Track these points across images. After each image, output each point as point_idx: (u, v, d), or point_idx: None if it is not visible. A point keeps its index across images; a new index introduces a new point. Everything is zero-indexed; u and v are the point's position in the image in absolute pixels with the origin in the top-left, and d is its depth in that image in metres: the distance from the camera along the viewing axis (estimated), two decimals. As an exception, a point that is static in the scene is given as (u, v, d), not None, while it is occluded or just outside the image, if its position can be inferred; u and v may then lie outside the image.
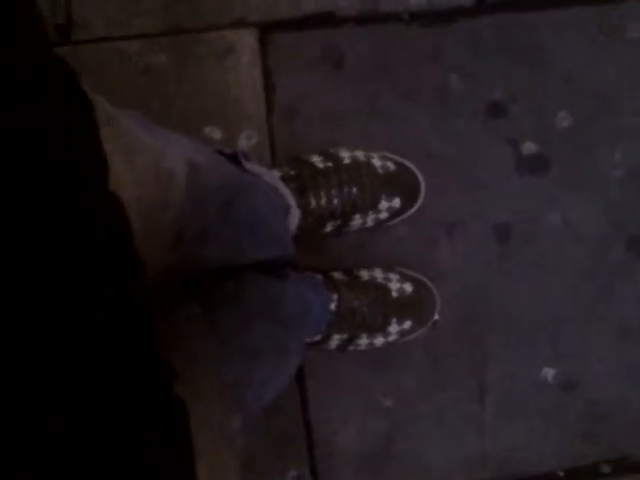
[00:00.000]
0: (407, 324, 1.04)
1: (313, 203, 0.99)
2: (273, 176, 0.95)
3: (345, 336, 1.01)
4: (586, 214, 1.13)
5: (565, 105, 1.13)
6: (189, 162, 0.61)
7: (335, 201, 1.00)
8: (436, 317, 1.07)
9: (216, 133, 1.09)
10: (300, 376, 1.07)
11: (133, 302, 0.43)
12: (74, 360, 0.36)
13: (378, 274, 1.05)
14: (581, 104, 1.13)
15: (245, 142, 1.09)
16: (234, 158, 0.82)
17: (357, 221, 1.04)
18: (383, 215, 1.05)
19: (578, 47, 1.14)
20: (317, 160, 1.02)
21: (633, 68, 1.15)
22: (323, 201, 0.99)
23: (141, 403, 0.40)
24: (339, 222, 1.03)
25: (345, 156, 1.03)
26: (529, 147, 1.13)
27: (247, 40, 1.10)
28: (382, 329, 1.03)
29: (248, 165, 0.84)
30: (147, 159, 0.53)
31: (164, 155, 0.57)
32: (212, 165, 0.69)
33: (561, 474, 1.10)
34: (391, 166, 1.05)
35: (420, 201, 1.07)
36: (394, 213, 1.05)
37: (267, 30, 1.11)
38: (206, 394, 0.60)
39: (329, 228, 1.03)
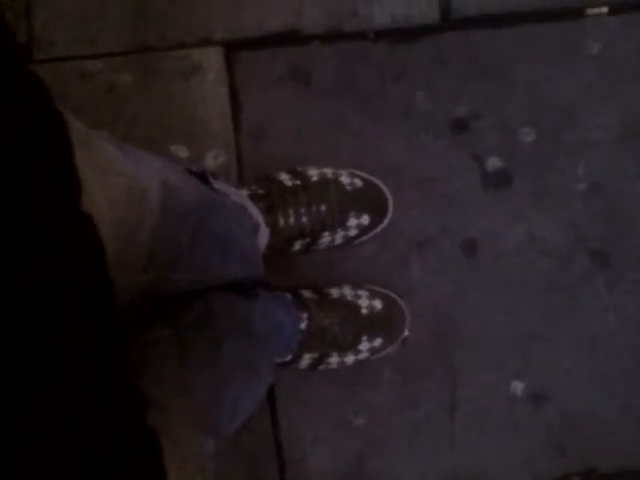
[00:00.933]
0: (377, 341, 1.04)
1: (282, 222, 0.98)
2: (241, 195, 0.95)
3: (316, 355, 1.01)
4: (550, 228, 1.14)
5: (529, 120, 1.15)
6: (162, 183, 0.60)
7: (304, 219, 1.00)
8: (406, 333, 1.07)
9: (183, 152, 1.08)
10: (270, 396, 1.06)
11: (107, 329, 0.42)
12: (45, 393, 0.35)
13: (347, 291, 1.05)
14: (544, 119, 1.15)
15: (212, 161, 1.08)
16: (202, 177, 0.81)
17: (326, 239, 1.03)
18: (352, 232, 1.05)
19: (541, 63, 1.16)
20: (285, 178, 1.02)
21: (593, 84, 1.17)
22: (292, 219, 0.99)
23: (114, 435, 0.39)
24: (308, 240, 1.02)
25: (313, 174, 1.03)
26: (494, 162, 1.14)
27: (213, 58, 1.10)
28: (353, 347, 1.02)
29: (216, 184, 0.83)
30: (121, 180, 0.52)
31: (138, 175, 0.56)
32: (184, 185, 0.68)
33: (532, 488, 1.10)
34: (359, 183, 1.05)
35: (388, 218, 1.07)
36: (363, 230, 1.05)
37: (233, 48, 1.11)
38: (177, 416, 0.59)
39: (298, 246, 1.03)
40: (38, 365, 0.35)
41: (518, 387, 1.11)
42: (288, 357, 1.00)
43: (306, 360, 1.01)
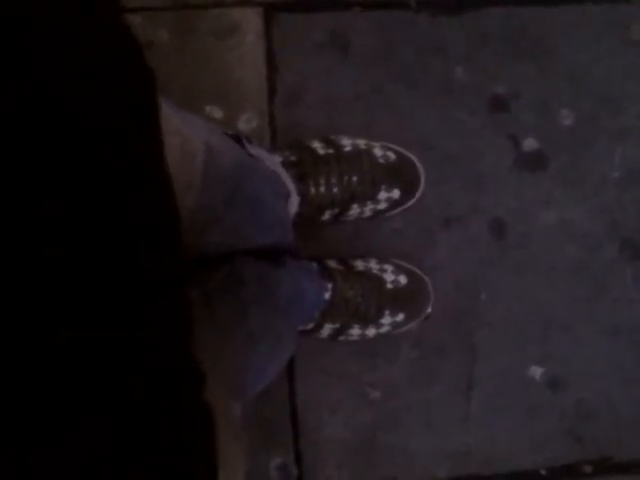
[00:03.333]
0: (400, 316, 1.03)
1: (312, 191, 0.97)
2: (274, 161, 0.94)
3: (337, 325, 1.01)
4: (581, 214, 1.13)
5: (568, 103, 1.12)
6: (205, 144, 0.60)
7: (334, 189, 0.99)
8: (429, 310, 1.07)
9: (217, 113, 1.06)
10: (290, 364, 1.06)
11: (180, 298, 0.41)
12: (45, 393, 0.34)
13: (373, 265, 1.04)
14: (584, 103, 1.13)
15: (245, 125, 1.07)
16: (237, 140, 0.80)
17: (355, 210, 1.02)
18: (381, 205, 1.04)
19: (583, 45, 1.13)
20: (318, 146, 1.00)
21: (637, 69, 1.14)
22: (322, 189, 0.98)
23: (173, 402, 0.38)
24: (337, 210, 1.01)
25: (346, 144, 1.02)
26: (530, 143, 1.12)
27: (252, 19, 1.08)
28: (375, 320, 1.02)
29: (251, 149, 0.82)
30: (175, 139, 0.51)
31: (189, 136, 0.55)
32: (223, 148, 0.67)
33: (543, 472, 1.10)
34: (392, 156, 1.03)
35: (419, 193, 1.06)
36: (392, 204, 1.04)
37: (272, 10, 1.09)
38: (210, 380, 0.59)
39: (327, 216, 1.02)
40: (38, 364, 0.34)
41: (537, 371, 1.11)
42: (310, 326, 1.00)
43: (327, 330, 1.01)
